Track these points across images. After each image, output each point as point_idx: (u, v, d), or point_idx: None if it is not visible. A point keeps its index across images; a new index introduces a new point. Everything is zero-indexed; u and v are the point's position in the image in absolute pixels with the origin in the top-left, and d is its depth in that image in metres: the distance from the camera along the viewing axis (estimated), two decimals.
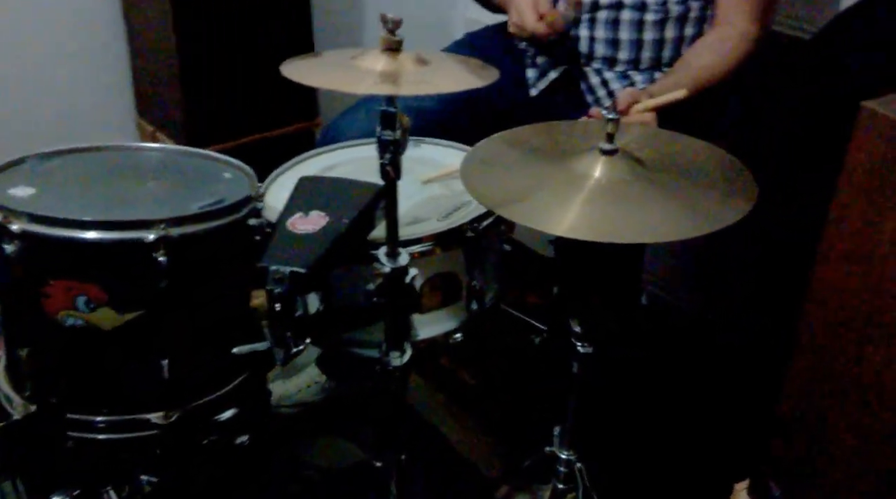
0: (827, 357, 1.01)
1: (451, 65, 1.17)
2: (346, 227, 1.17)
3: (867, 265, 0.90)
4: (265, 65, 2.10)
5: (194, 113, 2.07)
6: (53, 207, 1.11)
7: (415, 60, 1.04)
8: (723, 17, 1.63)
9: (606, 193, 1.08)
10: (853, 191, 0.88)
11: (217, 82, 2.06)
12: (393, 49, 1.02)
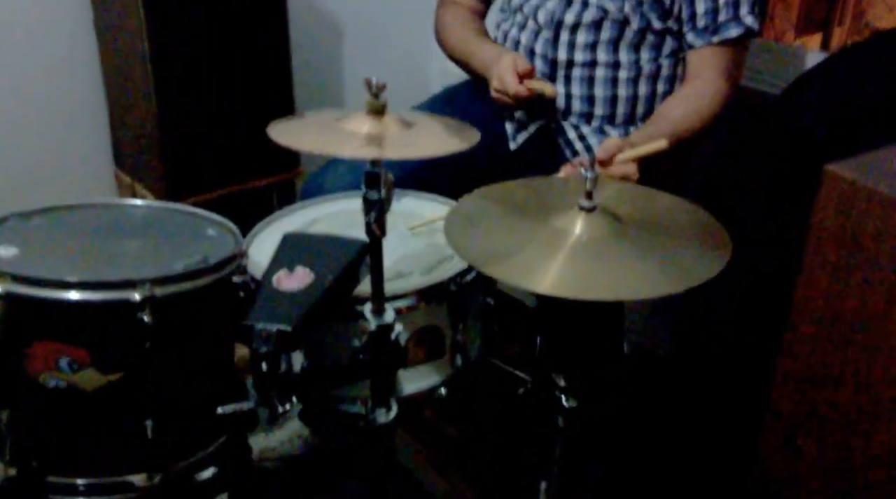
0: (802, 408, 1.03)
1: (435, 127, 1.19)
2: (331, 283, 1.18)
3: (836, 322, 0.92)
4: (245, 116, 2.12)
5: (173, 165, 2.08)
6: (37, 267, 1.11)
7: (399, 123, 1.06)
8: (694, 73, 1.67)
9: (586, 250, 1.10)
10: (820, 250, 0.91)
11: (196, 135, 2.07)
12: (377, 112, 1.04)
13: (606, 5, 1.64)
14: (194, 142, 2.07)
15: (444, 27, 1.88)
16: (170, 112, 1.99)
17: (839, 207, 0.86)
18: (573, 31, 1.67)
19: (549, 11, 1.69)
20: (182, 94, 2.00)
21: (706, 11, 1.62)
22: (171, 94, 1.98)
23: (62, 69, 2.12)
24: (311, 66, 2.41)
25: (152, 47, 1.89)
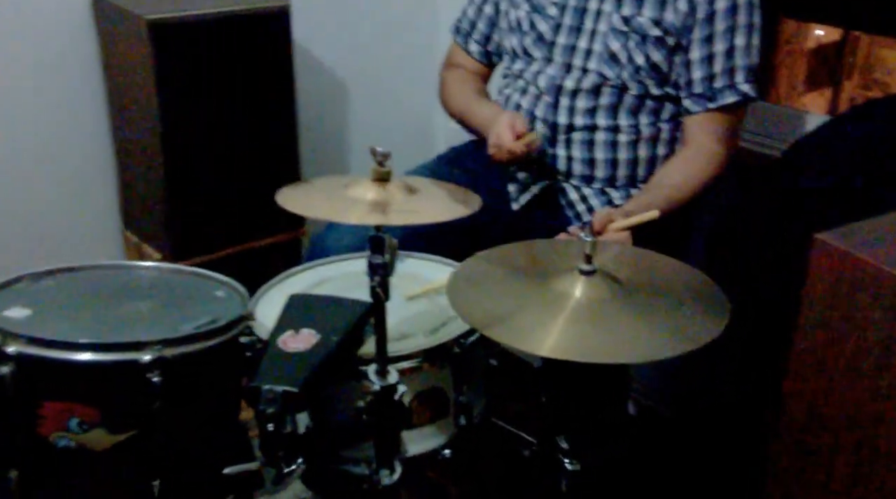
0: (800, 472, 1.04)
1: (438, 193, 1.23)
2: (337, 345, 1.20)
3: (829, 386, 0.94)
4: (251, 177, 2.16)
5: (180, 227, 2.10)
6: (49, 328, 1.13)
7: (403, 189, 1.10)
8: (691, 139, 1.71)
9: (587, 314, 1.12)
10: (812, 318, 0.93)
11: (203, 196, 2.10)
12: (382, 179, 1.08)
13: (605, 72, 1.69)
14: (201, 203, 2.11)
15: (448, 88, 1.94)
16: (177, 175, 2.03)
17: (829, 276, 0.88)
18: (573, 97, 1.72)
19: (549, 77, 1.73)
20: (189, 157, 2.04)
21: (702, 78, 1.66)
22: (179, 158, 2.02)
23: (73, 131, 2.16)
24: (317, 126, 2.46)
25: (162, 113, 1.93)
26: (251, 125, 2.11)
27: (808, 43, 2.48)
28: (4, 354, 1.09)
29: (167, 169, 2.00)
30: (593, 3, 1.69)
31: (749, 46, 1.65)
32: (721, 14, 1.63)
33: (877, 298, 0.83)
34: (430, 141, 2.76)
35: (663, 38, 1.65)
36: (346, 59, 2.51)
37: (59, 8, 2.01)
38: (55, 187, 2.18)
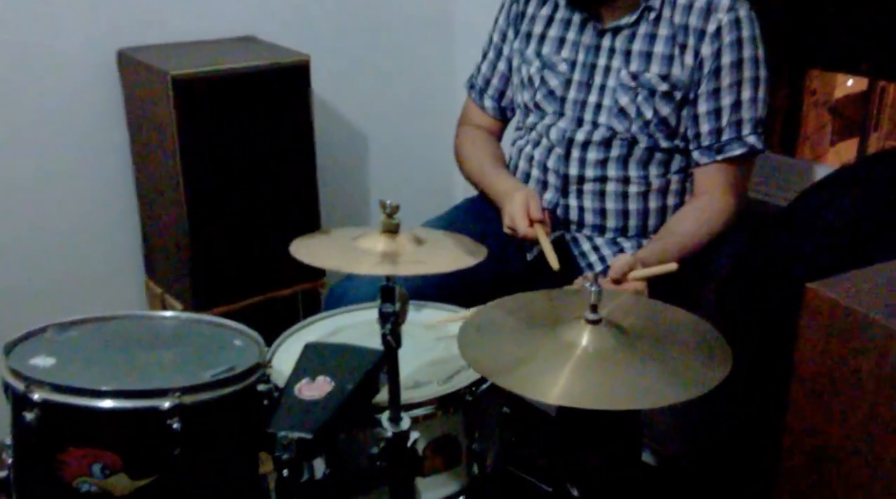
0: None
1: (446, 243, 1.26)
2: (351, 392, 1.23)
3: (825, 436, 0.95)
4: (272, 230, 2.20)
5: (203, 276, 2.14)
6: (73, 376, 1.17)
7: (412, 240, 1.14)
8: (701, 189, 1.75)
9: (593, 361, 1.15)
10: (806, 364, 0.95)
11: (225, 247, 2.14)
12: (392, 231, 1.12)
13: (615, 126, 1.73)
14: (223, 254, 2.15)
15: (463, 149, 1.99)
16: (200, 226, 2.07)
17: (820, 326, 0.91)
18: (584, 149, 1.76)
19: (560, 130, 1.78)
20: (212, 208, 2.08)
21: (710, 131, 1.70)
22: (202, 209, 2.07)
23: (97, 183, 2.22)
24: (336, 178, 2.51)
25: (185, 166, 1.98)
26: (272, 177, 2.16)
27: (835, 93, 2.51)
28: (30, 400, 1.13)
29: (190, 220, 2.05)
30: (602, 59, 1.75)
31: (755, 100, 1.69)
32: (727, 69, 1.67)
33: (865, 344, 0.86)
34: (448, 191, 2.80)
35: (671, 92, 1.70)
36: (365, 112, 2.56)
37: (85, 61, 2.08)
38: (81, 238, 2.23)
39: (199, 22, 2.19)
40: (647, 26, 1.71)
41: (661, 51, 1.70)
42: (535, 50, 1.82)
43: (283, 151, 2.15)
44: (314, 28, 2.35)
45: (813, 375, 0.95)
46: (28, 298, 2.15)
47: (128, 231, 2.29)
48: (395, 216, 1.13)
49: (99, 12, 2.07)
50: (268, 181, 2.15)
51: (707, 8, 1.68)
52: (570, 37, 1.78)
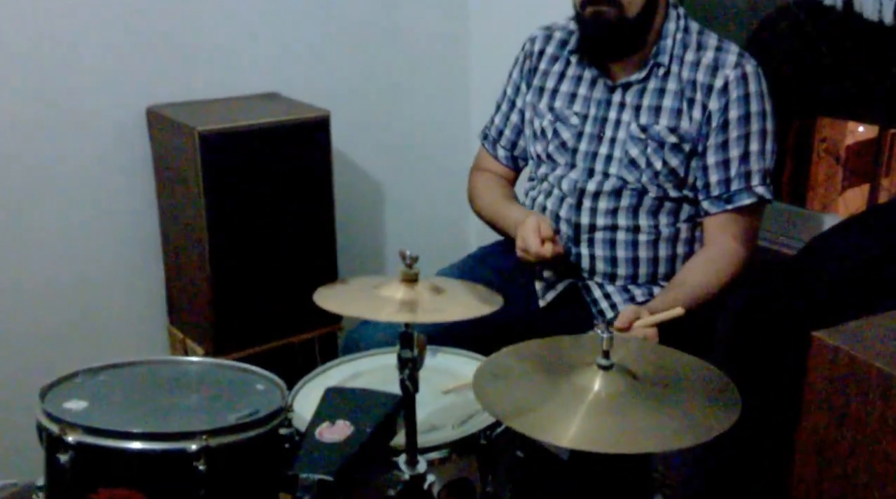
0: None
1: (463, 293, 1.31)
2: (370, 436, 1.27)
3: (833, 481, 0.98)
4: (291, 276, 2.26)
5: (223, 323, 2.20)
6: (104, 419, 1.22)
7: (430, 289, 1.19)
8: (711, 239, 1.79)
9: (606, 406, 1.19)
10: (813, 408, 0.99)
11: (246, 294, 2.20)
12: (411, 280, 1.17)
13: (625, 176, 1.79)
14: (244, 300, 2.21)
15: (476, 190, 2.05)
16: (222, 274, 2.14)
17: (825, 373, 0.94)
18: (595, 199, 1.82)
19: (572, 181, 1.84)
20: (234, 257, 2.14)
21: (719, 182, 1.75)
22: (225, 258, 2.13)
23: (124, 233, 2.29)
24: (353, 227, 2.57)
25: (209, 216, 2.06)
26: (292, 226, 2.22)
27: (845, 140, 2.55)
28: (65, 443, 1.18)
29: (212, 268, 2.11)
30: (613, 113, 1.81)
31: (763, 152, 1.75)
32: (735, 122, 1.73)
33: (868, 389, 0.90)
34: (462, 240, 2.86)
35: (680, 144, 1.75)
36: (381, 165, 2.63)
37: (116, 118, 2.17)
38: (107, 285, 2.30)
39: (223, 80, 2.28)
40: (656, 82, 1.77)
41: (670, 105, 1.76)
42: (548, 104, 1.89)
43: (302, 201, 2.22)
44: (333, 85, 2.44)
45: (818, 420, 0.98)
46: (54, 343, 2.21)
47: (152, 279, 2.36)
48: (413, 266, 1.18)
49: (130, 72, 2.16)
50: (288, 230, 2.22)
51: (714, 65, 1.74)
52: (582, 92, 1.85)
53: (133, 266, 2.33)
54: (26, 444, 1.51)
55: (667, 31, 1.77)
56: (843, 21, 1.94)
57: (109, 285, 2.30)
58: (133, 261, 2.32)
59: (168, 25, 2.19)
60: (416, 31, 2.60)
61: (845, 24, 1.94)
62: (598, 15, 1.71)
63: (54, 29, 2.06)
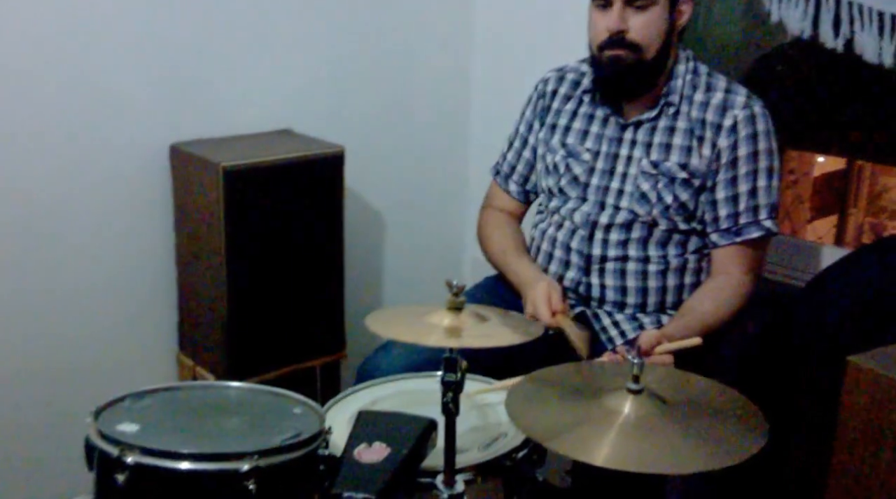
0: None
1: (504, 321, 1.38)
2: (406, 456, 1.33)
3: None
4: (300, 303, 2.32)
5: (236, 351, 2.25)
6: (158, 441, 1.27)
7: (474, 317, 1.26)
8: (719, 269, 1.88)
9: (636, 428, 1.26)
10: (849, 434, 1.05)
11: (259, 324, 2.26)
12: (456, 308, 1.24)
13: (636, 210, 1.88)
14: (256, 329, 2.26)
15: (486, 234, 2.12)
16: (238, 304, 2.19)
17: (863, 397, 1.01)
18: (606, 231, 1.90)
19: (584, 214, 1.92)
20: (249, 288, 2.20)
21: (728, 215, 1.85)
22: (240, 288, 2.18)
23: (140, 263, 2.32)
24: (360, 259, 2.64)
25: (228, 248, 2.12)
26: (303, 257, 2.29)
27: (814, 171, 2.64)
28: (123, 464, 1.23)
29: (230, 298, 2.17)
30: (624, 149, 1.90)
31: (770, 187, 1.84)
32: (743, 159, 1.82)
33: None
34: (456, 267, 2.95)
35: (689, 180, 1.85)
36: (383, 198, 2.71)
37: (140, 152, 2.24)
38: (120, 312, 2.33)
39: (239, 117, 2.36)
40: (666, 120, 1.87)
41: (680, 142, 1.85)
42: (560, 140, 1.98)
43: (315, 233, 2.29)
44: (341, 122, 2.52)
45: (854, 442, 1.05)
46: (64, 371, 2.24)
47: (164, 308, 2.40)
48: (460, 295, 1.25)
49: (154, 110, 2.24)
50: (299, 261, 2.28)
51: (724, 105, 1.84)
52: (594, 130, 1.94)
53: (146, 295, 2.37)
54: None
55: (677, 73, 1.87)
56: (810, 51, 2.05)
57: (122, 313, 2.34)
58: (146, 290, 2.36)
59: (190, 67, 2.27)
60: (419, 71, 2.70)
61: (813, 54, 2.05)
62: (616, 58, 1.81)
63: (83, 69, 2.12)
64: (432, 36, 2.70)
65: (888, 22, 1.93)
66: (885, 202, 2.67)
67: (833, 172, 2.63)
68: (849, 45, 2.00)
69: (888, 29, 1.93)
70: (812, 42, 2.05)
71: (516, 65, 2.61)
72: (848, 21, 1.99)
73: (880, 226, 2.70)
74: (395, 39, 2.62)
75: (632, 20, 1.78)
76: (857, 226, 2.68)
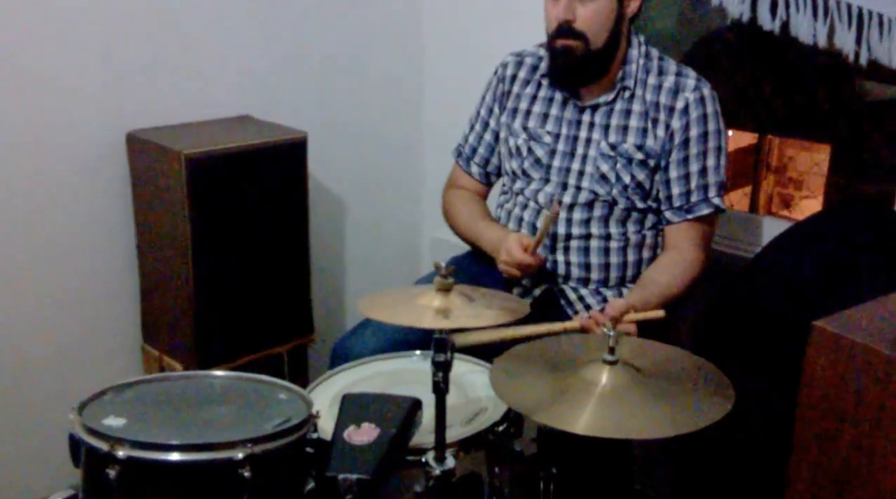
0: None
1: (491, 301, 1.43)
2: (395, 435, 1.38)
3: (831, 469, 1.11)
4: (266, 289, 2.33)
5: (204, 339, 2.25)
6: (148, 434, 1.29)
7: (463, 297, 1.30)
8: (673, 244, 1.97)
9: (613, 397, 1.33)
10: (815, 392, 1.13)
11: (226, 311, 2.26)
12: (445, 290, 1.29)
13: (597, 190, 1.94)
14: (223, 316, 2.27)
15: (453, 208, 2.17)
16: (204, 292, 2.19)
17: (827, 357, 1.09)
18: (570, 210, 1.96)
19: (548, 194, 1.98)
20: (215, 275, 2.20)
21: (680, 194, 1.93)
22: (206, 276, 2.18)
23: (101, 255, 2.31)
24: (323, 243, 2.66)
25: (193, 236, 2.12)
26: (269, 243, 2.30)
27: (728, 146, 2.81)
28: (115, 458, 1.24)
29: (196, 286, 2.17)
30: (584, 132, 1.96)
31: (718, 166, 1.93)
32: (694, 140, 1.90)
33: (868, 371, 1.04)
34: (417, 248, 2.99)
35: (646, 160, 1.92)
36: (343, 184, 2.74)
37: (96, 142, 2.21)
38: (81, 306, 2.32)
39: (196, 103, 2.35)
40: (623, 103, 1.94)
41: (636, 124, 1.92)
42: (522, 124, 2.03)
43: (279, 219, 2.30)
44: (299, 108, 2.53)
45: (819, 403, 1.12)
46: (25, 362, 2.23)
47: (126, 299, 2.39)
48: (448, 277, 1.29)
49: (109, 98, 2.21)
50: (265, 247, 2.29)
51: (675, 88, 1.91)
52: (554, 112, 2.00)
53: (107, 287, 2.36)
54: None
55: (630, 58, 1.93)
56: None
57: (84, 307, 2.33)
58: (107, 282, 2.35)
59: (144, 52, 2.25)
60: (375, 58, 2.73)
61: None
62: (566, 48, 1.87)
63: (35, 57, 2.09)
64: (387, 22, 2.74)
65: (821, 4, 2.02)
66: (792, 173, 2.87)
67: (745, 147, 2.79)
68: (785, 27, 2.09)
69: (822, 11, 2.03)
70: (750, 24, 2.14)
71: (468, 51, 2.67)
72: (784, 4, 2.08)
73: (788, 195, 2.90)
74: (351, 26, 2.64)
75: (579, 10, 1.84)
76: (767, 195, 2.87)
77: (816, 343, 1.10)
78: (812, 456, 1.17)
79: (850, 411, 1.08)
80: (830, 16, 1.99)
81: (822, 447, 1.18)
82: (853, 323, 1.09)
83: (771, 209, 2.88)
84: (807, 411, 1.20)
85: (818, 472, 1.15)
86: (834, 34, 2.01)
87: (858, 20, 1.96)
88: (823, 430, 1.17)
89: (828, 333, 1.08)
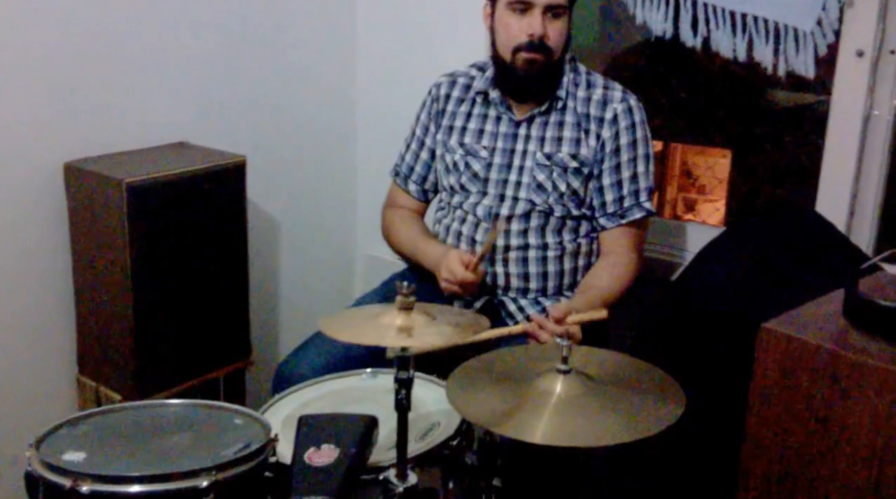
0: None
1: (452, 318, 1.45)
2: (355, 455, 1.39)
3: (783, 465, 1.16)
4: (204, 314, 2.32)
5: (144, 368, 2.22)
6: (109, 467, 1.28)
7: (425, 315, 1.33)
8: (609, 249, 2.04)
9: (568, 406, 1.37)
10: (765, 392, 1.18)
11: (165, 339, 2.24)
12: (407, 308, 1.31)
13: (534, 199, 2.00)
14: (162, 344, 2.24)
15: (393, 227, 2.20)
16: (143, 321, 2.16)
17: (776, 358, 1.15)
18: (507, 222, 2.01)
19: (486, 207, 2.03)
20: (155, 303, 2.17)
21: (614, 200, 2.00)
22: (146, 305, 2.15)
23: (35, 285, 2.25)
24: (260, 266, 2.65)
25: (133, 265, 2.09)
26: (208, 269, 2.28)
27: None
28: (80, 494, 1.23)
29: (135, 316, 2.14)
30: (520, 144, 2.02)
31: (647, 172, 2.01)
32: (624, 148, 1.99)
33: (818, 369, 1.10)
34: (350, 265, 3.01)
35: (580, 168, 1.98)
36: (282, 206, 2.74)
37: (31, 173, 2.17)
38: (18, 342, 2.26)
39: (131, 132, 2.32)
40: (556, 115, 2.00)
41: (570, 135, 1.99)
42: (458, 140, 2.07)
43: (219, 243, 2.29)
44: (234, 134, 2.52)
45: (770, 402, 1.18)
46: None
47: (60, 330, 2.34)
48: (410, 297, 1.32)
49: (44, 129, 2.17)
50: (204, 273, 2.27)
51: (604, 100, 2.00)
52: (489, 128, 2.05)
53: (42, 319, 2.30)
54: None
55: (561, 71, 2.00)
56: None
57: (18, 339, 2.27)
58: (42, 314, 2.30)
59: (78, 82, 2.21)
60: (308, 83, 2.74)
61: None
62: (531, 61, 1.93)
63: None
64: (319, 50, 2.76)
65: (739, 20, 2.13)
66: (694, 178, 3.05)
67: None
68: (706, 42, 2.20)
69: (740, 27, 2.13)
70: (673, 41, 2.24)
71: (400, 74, 2.72)
72: (704, 21, 2.19)
73: (691, 199, 3.09)
74: (284, 51, 2.65)
75: (549, 26, 1.91)
76: (672, 199, 3.06)
77: (766, 344, 1.16)
78: (765, 453, 1.22)
79: (800, 409, 1.14)
80: (749, 31, 2.09)
81: (775, 443, 1.22)
82: (800, 323, 1.15)
83: (675, 211, 3.06)
84: (759, 410, 1.25)
85: (771, 468, 1.20)
86: (753, 48, 2.12)
87: (776, 34, 2.07)
88: (775, 429, 1.22)
89: (778, 333, 1.14)
